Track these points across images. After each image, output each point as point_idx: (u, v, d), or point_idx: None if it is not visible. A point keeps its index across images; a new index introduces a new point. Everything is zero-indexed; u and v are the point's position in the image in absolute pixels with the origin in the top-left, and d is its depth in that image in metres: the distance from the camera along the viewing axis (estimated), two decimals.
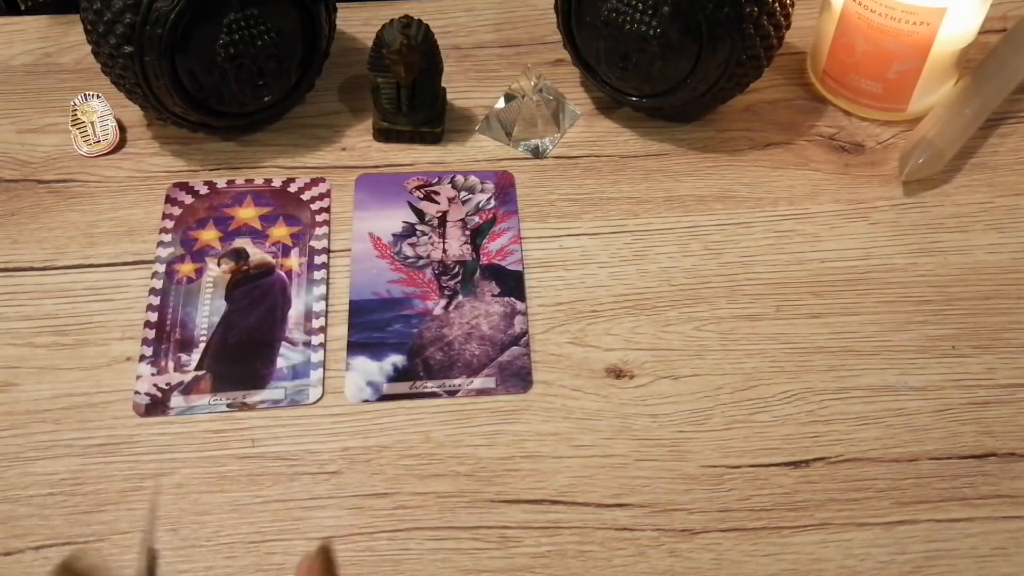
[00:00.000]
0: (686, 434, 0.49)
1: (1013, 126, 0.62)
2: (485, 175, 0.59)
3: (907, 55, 0.57)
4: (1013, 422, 0.49)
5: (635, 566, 0.45)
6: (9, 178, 0.59)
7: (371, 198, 0.58)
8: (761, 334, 0.52)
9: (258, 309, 0.53)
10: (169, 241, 0.56)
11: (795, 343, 0.52)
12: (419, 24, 0.56)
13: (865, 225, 0.57)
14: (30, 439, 0.48)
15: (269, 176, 0.59)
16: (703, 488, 0.47)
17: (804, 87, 0.64)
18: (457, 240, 0.56)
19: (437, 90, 0.60)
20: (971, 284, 0.54)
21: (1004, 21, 0.66)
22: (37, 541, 0.45)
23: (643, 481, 0.47)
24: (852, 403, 0.50)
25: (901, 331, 0.52)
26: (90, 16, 0.53)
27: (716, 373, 0.51)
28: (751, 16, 0.53)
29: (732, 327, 0.52)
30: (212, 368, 0.51)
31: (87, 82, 0.62)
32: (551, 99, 0.60)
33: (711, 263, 0.55)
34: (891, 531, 0.46)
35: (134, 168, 0.59)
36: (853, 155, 0.60)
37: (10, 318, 0.53)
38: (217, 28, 0.53)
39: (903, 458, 0.48)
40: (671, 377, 0.51)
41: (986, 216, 0.57)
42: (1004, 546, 0.45)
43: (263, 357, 0.51)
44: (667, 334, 0.52)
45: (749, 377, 0.51)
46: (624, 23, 0.54)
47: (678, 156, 0.60)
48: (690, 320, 0.53)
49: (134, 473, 0.47)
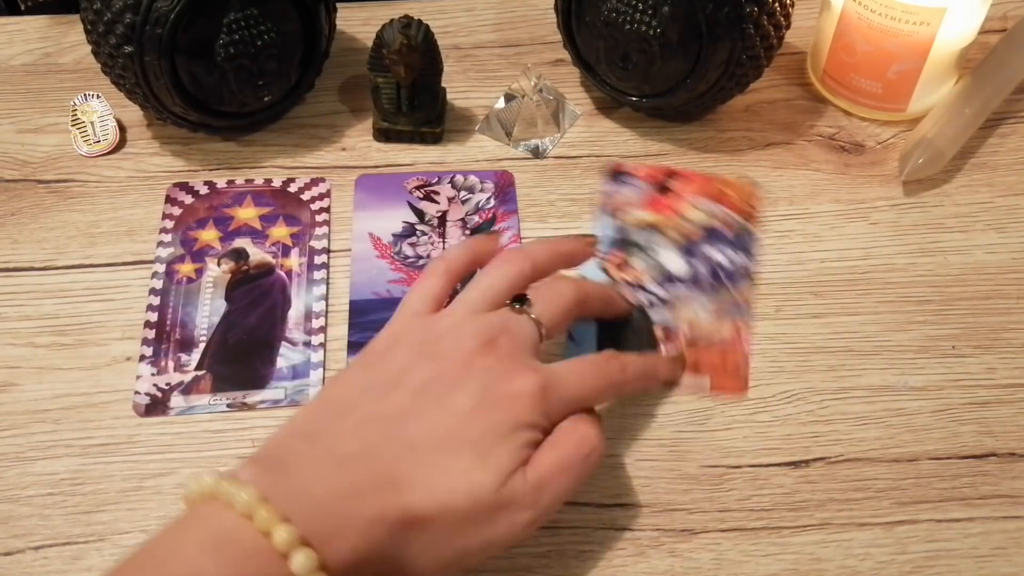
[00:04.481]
0: (686, 434, 0.49)
1: (1013, 126, 0.62)
2: (485, 175, 0.59)
3: (907, 55, 0.57)
4: (1013, 422, 0.49)
5: (635, 566, 0.45)
6: (9, 178, 0.59)
7: (371, 198, 0.58)
8: (761, 334, 0.52)
9: (258, 309, 0.53)
10: (169, 241, 0.56)
11: (795, 343, 0.52)
12: (419, 24, 0.56)
13: (865, 225, 0.57)
14: (30, 439, 0.48)
15: (269, 176, 0.59)
16: (703, 488, 0.47)
17: (804, 87, 0.64)
18: (457, 239, 0.56)
19: (437, 90, 0.60)
20: (971, 284, 0.54)
21: (1004, 21, 0.66)
22: (37, 541, 0.45)
23: (643, 481, 0.47)
24: (852, 403, 0.50)
25: (901, 331, 0.52)
26: (90, 16, 0.53)
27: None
28: (751, 16, 0.53)
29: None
30: (212, 368, 0.51)
31: (87, 82, 0.62)
32: (551, 99, 0.60)
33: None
34: (891, 531, 0.46)
35: (134, 168, 0.59)
36: (853, 155, 0.60)
37: (10, 318, 0.53)
38: (217, 28, 0.53)
39: (903, 458, 0.48)
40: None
41: (986, 216, 0.57)
42: (1004, 546, 0.45)
43: (263, 357, 0.51)
44: None
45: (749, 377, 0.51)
46: (624, 23, 0.54)
47: (678, 156, 0.60)
48: None
49: (134, 473, 0.47)
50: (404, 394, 0.40)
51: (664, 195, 0.56)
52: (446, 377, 0.41)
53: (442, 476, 0.38)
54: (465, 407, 0.40)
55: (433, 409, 0.40)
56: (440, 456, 0.39)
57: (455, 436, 0.39)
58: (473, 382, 0.40)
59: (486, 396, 0.40)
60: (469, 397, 0.40)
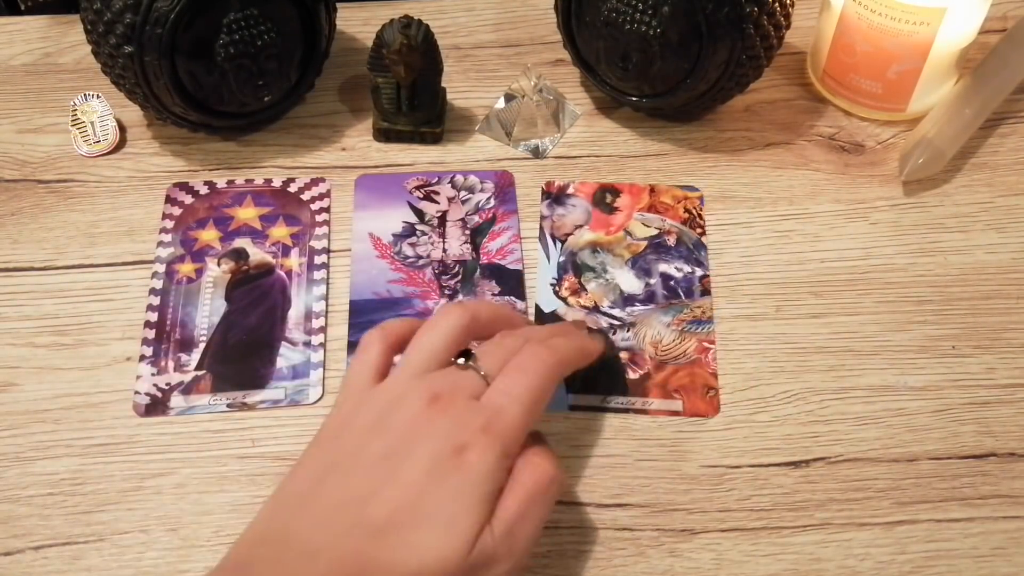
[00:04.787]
0: (686, 434, 0.49)
1: (1013, 126, 0.62)
2: (485, 175, 0.59)
3: (907, 55, 0.57)
4: (1013, 422, 0.49)
5: (635, 566, 0.45)
6: (9, 178, 0.59)
7: (371, 198, 0.58)
8: (761, 334, 0.52)
9: (258, 309, 0.53)
10: (169, 241, 0.56)
11: (795, 343, 0.52)
12: (419, 24, 0.56)
13: (865, 225, 0.57)
14: (30, 439, 0.48)
15: (269, 176, 0.59)
16: (703, 488, 0.47)
17: (804, 87, 0.64)
18: (457, 240, 0.56)
19: (437, 90, 0.60)
20: (971, 284, 0.54)
21: (1004, 21, 0.66)
22: (37, 541, 0.45)
23: (643, 481, 0.47)
24: (852, 403, 0.50)
25: (901, 331, 0.52)
26: (90, 16, 0.53)
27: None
28: (751, 16, 0.53)
29: (732, 327, 0.52)
30: (212, 368, 0.51)
31: (87, 82, 0.62)
32: (551, 99, 0.60)
33: (711, 263, 0.55)
34: (891, 531, 0.46)
35: (134, 168, 0.59)
36: (853, 155, 0.60)
37: (10, 318, 0.53)
38: (217, 28, 0.53)
39: (903, 458, 0.48)
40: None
41: (986, 216, 0.57)
42: (1004, 546, 0.45)
43: (263, 357, 0.51)
44: None
45: (749, 377, 0.51)
46: (624, 23, 0.54)
47: (678, 156, 0.60)
48: None
49: (134, 473, 0.47)
50: (360, 475, 0.39)
51: (611, 214, 0.56)
52: (397, 449, 0.39)
53: (410, 555, 0.37)
54: (419, 477, 0.38)
55: (390, 487, 0.38)
56: (405, 535, 0.38)
57: (416, 511, 0.38)
58: (421, 448, 0.39)
59: (437, 460, 0.39)
60: (421, 465, 0.39)
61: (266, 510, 0.40)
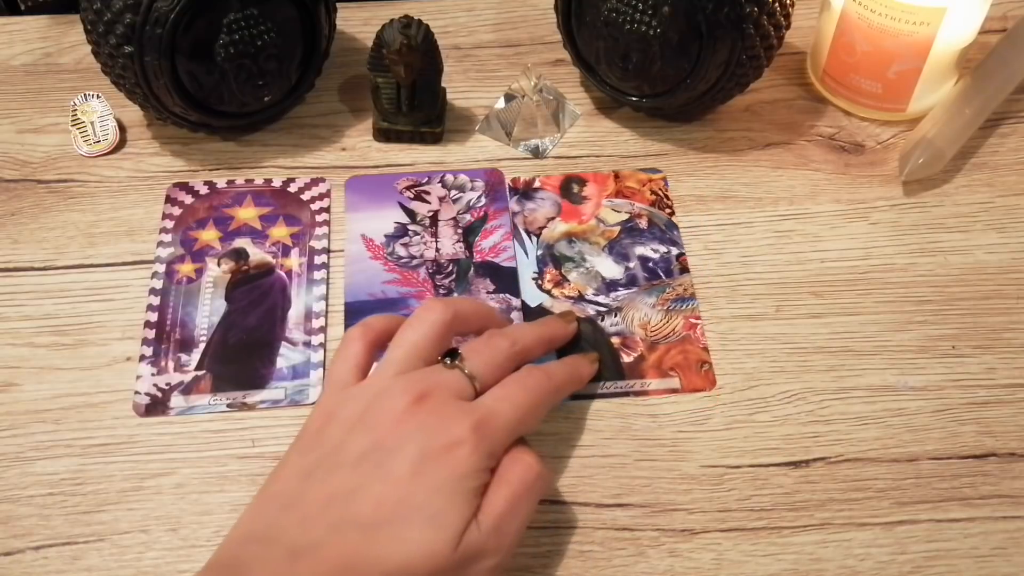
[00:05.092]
0: (686, 434, 0.49)
1: (1013, 126, 0.62)
2: (475, 173, 0.59)
3: (907, 55, 0.57)
4: (1013, 422, 0.49)
5: (635, 566, 0.45)
6: (9, 178, 0.59)
7: (362, 199, 0.58)
8: (761, 334, 0.52)
9: (258, 309, 0.53)
10: (169, 241, 0.56)
11: (795, 343, 0.52)
12: (419, 24, 0.56)
13: (865, 225, 0.57)
14: (30, 439, 0.48)
15: (269, 176, 0.59)
16: (703, 488, 0.47)
17: (804, 87, 0.64)
18: (450, 239, 0.56)
19: (437, 90, 0.60)
20: (971, 284, 0.54)
21: (1004, 21, 0.66)
22: (37, 541, 0.45)
23: (643, 481, 0.47)
24: (852, 403, 0.50)
25: (901, 331, 0.52)
26: (90, 16, 0.53)
27: (716, 373, 0.51)
28: (751, 16, 0.53)
29: (732, 327, 0.52)
30: (212, 368, 0.51)
31: (87, 82, 0.62)
32: (551, 99, 0.60)
33: (711, 263, 0.55)
34: (891, 531, 0.46)
35: (134, 168, 0.59)
36: (853, 155, 0.60)
37: (10, 318, 0.53)
38: (217, 28, 0.53)
39: (903, 458, 0.48)
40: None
41: (986, 216, 0.57)
42: (1004, 546, 0.45)
43: (263, 357, 0.51)
44: None
45: (749, 377, 0.51)
46: (624, 23, 0.54)
47: (678, 156, 0.60)
48: None
49: (134, 473, 0.47)
50: (345, 472, 0.39)
51: (580, 204, 0.57)
52: (382, 444, 0.40)
53: (397, 550, 0.37)
54: (405, 472, 0.39)
55: (375, 482, 0.39)
56: (391, 530, 0.38)
57: (402, 506, 0.38)
58: (408, 444, 0.39)
59: (424, 456, 0.39)
60: (407, 461, 0.39)
61: (251, 509, 0.40)
